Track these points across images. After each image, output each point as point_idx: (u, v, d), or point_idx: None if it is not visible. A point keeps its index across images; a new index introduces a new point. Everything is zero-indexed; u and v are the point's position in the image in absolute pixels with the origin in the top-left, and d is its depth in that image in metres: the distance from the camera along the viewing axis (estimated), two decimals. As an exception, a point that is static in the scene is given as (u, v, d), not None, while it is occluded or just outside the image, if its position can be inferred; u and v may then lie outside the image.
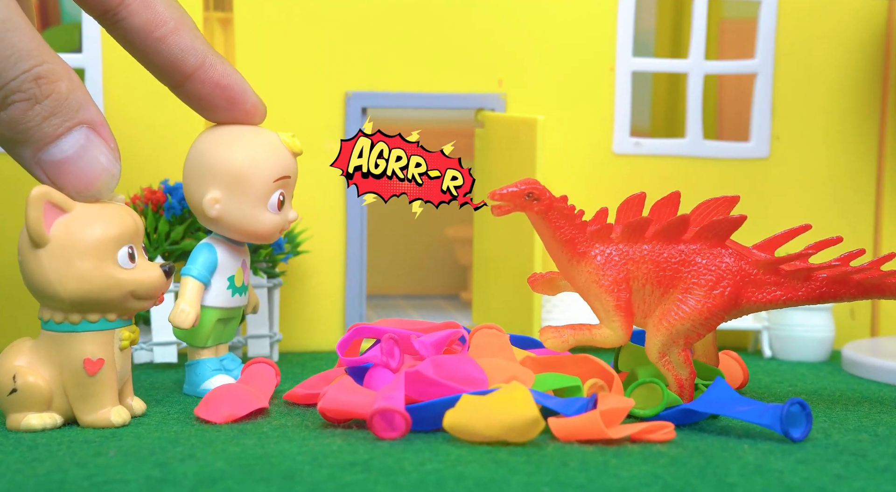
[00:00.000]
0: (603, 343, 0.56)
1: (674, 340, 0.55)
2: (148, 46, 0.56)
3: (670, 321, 0.55)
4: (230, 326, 0.63)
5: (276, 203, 0.60)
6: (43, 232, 0.50)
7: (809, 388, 0.66)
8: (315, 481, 0.42)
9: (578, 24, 0.81)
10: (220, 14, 0.80)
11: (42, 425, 0.52)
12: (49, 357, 0.52)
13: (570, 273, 0.57)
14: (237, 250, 0.62)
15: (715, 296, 0.55)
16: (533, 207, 0.56)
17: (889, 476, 0.44)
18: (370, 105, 0.80)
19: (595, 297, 0.56)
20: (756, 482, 0.43)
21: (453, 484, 0.42)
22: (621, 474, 0.43)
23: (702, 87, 0.83)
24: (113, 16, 0.56)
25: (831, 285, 0.57)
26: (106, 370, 0.52)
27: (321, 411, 0.52)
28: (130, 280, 0.52)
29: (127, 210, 0.53)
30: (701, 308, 0.55)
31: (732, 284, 0.56)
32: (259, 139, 0.59)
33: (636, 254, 0.56)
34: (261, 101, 0.60)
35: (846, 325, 0.84)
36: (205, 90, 0.57)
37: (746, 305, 0.56)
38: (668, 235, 0.56)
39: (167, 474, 0.43)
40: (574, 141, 0.82)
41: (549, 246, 0.57)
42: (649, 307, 0.56)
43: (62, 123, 0.50)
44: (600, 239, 0.57)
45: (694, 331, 0.55)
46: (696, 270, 0.56)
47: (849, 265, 0.57)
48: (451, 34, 0.80)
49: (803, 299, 0.57)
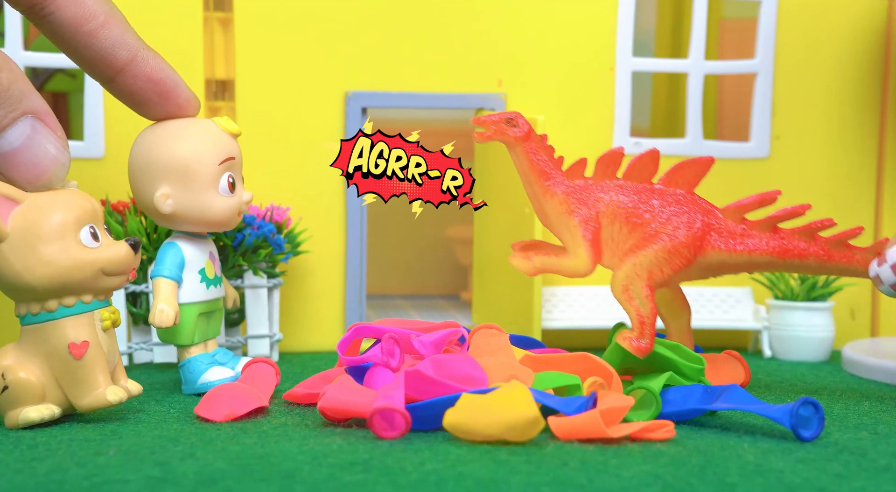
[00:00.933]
0: (568, 270, 0.57)
1: (637, 272, 0.56)
2: (77, 41, 0.55)
3: (635, 253, 0.56)
4: (213, 320, 0.63)
5: (227, 186, 0.60)
6: (0, 226, 0.50)
7: (809, 388, 0.66)
8: (315, 480, 0.42)
9: (578, 24, 0.81)
10: (220, 14, 0.80)
11: (40, 417, 0.52)
12: (34, 351, 0.52)
13: (542, 206, 0.59)
14: (201, 243, 0.62)
15: (679, 233, 0.56)
16: (512, 134, 0.57)
17: (889, 476, 0.44)
18: (370, 105, 0.80)
19: (565, 227, 0.58)
20: (756, 482, 0.43)
21: (453, 484, 0.42)
22: (621, 474, 0.43)
23: (702, 87, 0.83)
24: (40, 10, 0.55)
25: (798, 241, 0.57)
26: (92, 352, 0.52)
27: (321, 409, 0.52)
28: (98, 258, 0.52)
29: (80, 194, 0.53)
30: (665, 243, 0.56)
31: (699, 224, 0.57)
32: (195, 128, 0.60)
33: (607, 191, 0.58)
34: (194, 95, 0.60)
35: (846, 325, 0.84)
36: (137, 85, 0.57)
37: (711, 251, 0.57)
38: (638, 174, 0.58)
39: (167, 473, 0.43)
40: (574, 141, 0.82)
41: (526, 178, 0.59)
42: (618, 246, 0.57)
43: (6, 115, 0.50)
44: (574, 174, 0.59)
45: (657, 266, 0.56)
46: (665, 207, 0.57)
47: (818, 226, 0.57)
48: (451, 34, 0.80)
49: (767, 253, 0.57)
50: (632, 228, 0.57)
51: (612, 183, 0.58)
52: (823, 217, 0.58)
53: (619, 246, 0.57)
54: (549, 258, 0.57)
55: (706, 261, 0.57)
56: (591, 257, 0.57)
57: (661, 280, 0.57)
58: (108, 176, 0.76)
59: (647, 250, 0.56)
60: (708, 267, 0.58)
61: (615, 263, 0.57)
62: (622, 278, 0.56)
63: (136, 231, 0.70)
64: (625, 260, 0.57)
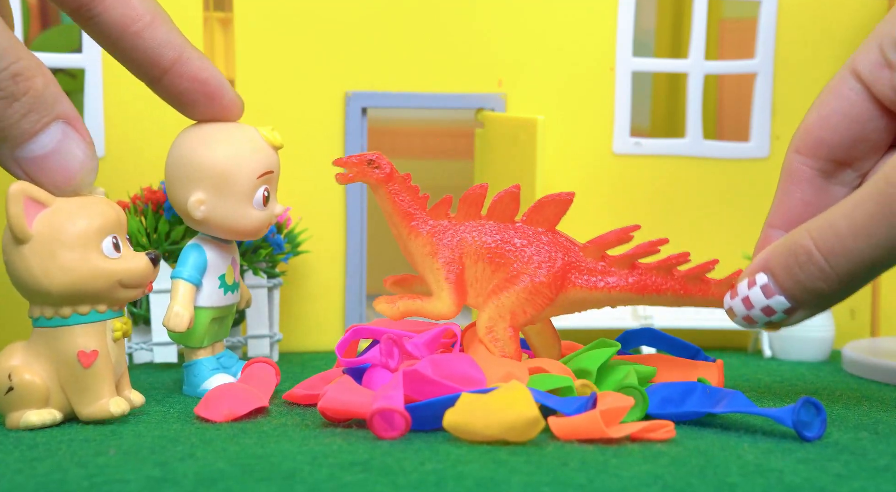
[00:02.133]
0: (432, 313, 0.58)
1: (500, 313, 0.57)
2: (124, 41, 0.55)
3: (497, 295, 0.57)
4: (225, 323, 0.63)
5: (262, 199, 0.59)
6: (25, 228, 0.50)
7: (809, 388, 0.66)
8: (315, 481, 0.42)
9: (578, 24, 0.81)
10: (220, 14, 0.80)
11: (41, 422, 0.52)
12: (43, 354, 0.52)
13: (406, 246, 0.59)
14: (226, 249, 0.62)
15: (540, 273, 0.57)
16: (374, 175, 0.58)
17: (889, 476, 0.44)
18: (370, 105, 0.80)
19: (429, 269, 0.58)
20: (756, 482, 0.43)
21: (453, 484, 0.42)
22: (621, 474, 0.43)
23: (702, 87, 0.82)
24: (87, 11, 0.55)
25: (655, 276, 0.58)
26: (101, 362, 0.52)
27: (321, 410, 0.52)
28: (117, 269, 0.52)
29: (108, 202, 0.53)
30: (526, 284, 0.57)
31: (559, 264, 0.57)
32: (239, 136, 0.59)
33: (470, 232, 0.58)
34: (238, 96, 0.59)
35: (846, 325, 0.84)
36: (183, 84, 0.57)
37: (573, 289, 0.57)
38: (500, 213, 0.58)
39: (167, 473, 0.43)
40: (574, 141, 0.82)
41: (390, 219, 0.59)
42: (482, 286, 0.58)
43: (40, 119, 0.50)
44: (437, 215, 0.59)
45: (520, 307, 0.57)
46: (526, 248, 0.57)
47: (674, 261, 0.58)
48: (451, 34, 0.80)
49: (628, 290, 0.58)
50: (495, 269, 0.58)
51: (476, 223, 0.58)
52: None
53: (484, 286, 0.58)
54: (413, 302, 0.58)
55: (568, 299, 0.58)
56: (454, 300, 0.58)
57: (525, 321, 0.58)
58: (108, 176, 0.76)
59: (510, 292, 0.57)
60: (570, 304, 0.58)
61: (479, 302, 0.58)
62: (486, 320, 0.57)
63: (136, 231, 0.70)
64: (488, 301, 0.57)
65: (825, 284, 0.51)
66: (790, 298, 0.53)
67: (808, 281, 0.52)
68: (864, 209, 0.49)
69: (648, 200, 0.82)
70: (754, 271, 0.54)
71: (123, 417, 0.55)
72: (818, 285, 0.51)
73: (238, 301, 0.64)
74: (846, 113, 0.54)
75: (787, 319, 0.54)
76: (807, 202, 0.56)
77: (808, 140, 0.55)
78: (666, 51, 0.98)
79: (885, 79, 0.52)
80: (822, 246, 0.50)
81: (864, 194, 0.49)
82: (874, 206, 0.48)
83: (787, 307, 0.53)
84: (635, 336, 0.66)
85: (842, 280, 0.51)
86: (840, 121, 0.54)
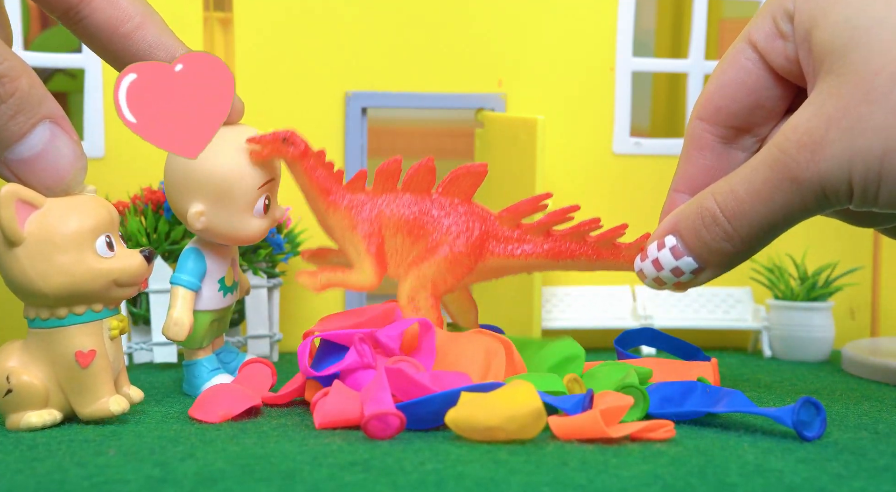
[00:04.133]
0: (354, 285, 0.58)
1: (421, 283, 0.58)
2: (114, 44, 0.55)
3: (418, 266, 0.58)
4: (224, 320, 0.63)
5: (262, 208, 0.58)
6: (17, 230, 0.50)
7: (809, 388, 0.66)
8: (315, 481, 0.42)
9: (578, 24, 0.81)
10: (220, 14, 0.80)
11: (42, 423, 0.52)
12: (40, 355, 0.52)
13: (326, 222, 0.59)
14: (225, 251, 0.61)
15: (458, 243, 0.58)
16: (289, 152, 0.58)
17: (889, 476, 0.44)
18: (370, 105, 0.80)
19: (349, 242, 0.59)
20: (756, 482, 0.43)
21: (453, 484, 0.41)
22: (621, 474, 0.43)
23: (702, 87, 0.82)
24: (75, 14, 0.54)
25: (569, 243, 0.59)
26: (99, 361, 0.52)
27: (319, 426, 0.52)
28: (112, 269, 0.52)
29: (99, 200, 0.53)
30: (446, 254, 0.58)
31: (476, 234, 0.58)
32: (239, 144, 0.57)
33: (387, 204, 0.59)
34: (238, 99, 0.58)
35: (846, 325, 0.84)
36: None
37: (491, 258, 0.59)
38: (417, 186, 0.59)
39: (167, 473, 0.43)
40: (574, 141, 0.82)
41: (308, 195, 0.59)
42: (402, 257, 0.59)
43: (27, 120, 0.50)
44: (354, 189, 0.59)
45: (440, 276, 0.58)
46: (443, 218, 0.58)
47: (586, 227, 0.59)
48: (451, 34, 0.80)
49: (543, 256, 0.59)
50: (414, 240, 0.58)
51: (393, 195, 0.59)
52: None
53: (404, 257, 0.59)
54: (334, 274, 0.59)
55: (486, 266, 0.59)
56: (375, 271, 0.58)
57: (445, 289, 0.59)
58: (108, 176, 0.76)
59: (430, 262, 0.58)
60: (489, 271, 0.60)
61: (400, 273, 0.59)
62: (408, 290, 0.58)
63: (136, 231, 0.70)
64: (409, 271, 0.58)
65: (730, 244, 0.53)
66: (698, 258, 0.54)
67: (714, 242, 0.53)
68: (760, 174, 0.51)
69: (648, 199, 0.82)
70: (663, 234, 0.56)
71: (123, 416, 0.55)
72: (723, 246, 0.53)
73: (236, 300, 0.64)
74: (743, 82, 0.56)
75: (694, 279, 0.55)
76: (709, 167, 0.57)
77: (709, 108, 0.57)
78: (666, 51, 0.98)
79: (779, 49, 0.54)
80: (725, 209, 0.53)
81: (760, 160, 0.51)
82: (768, 171, 0.51)
83: (695, 268, 0.55)
84: (635, 336, 0.66)
85: (745, 241, 0.53)
86: (738, 89, 0.56)
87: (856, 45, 0.49)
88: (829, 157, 0.49)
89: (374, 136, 0.92)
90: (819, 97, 0.50)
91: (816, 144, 0.49)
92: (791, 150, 0.50)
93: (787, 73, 0.54)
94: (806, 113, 0.50)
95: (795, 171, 0.50)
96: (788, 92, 0.56)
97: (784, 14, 0.53)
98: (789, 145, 0.50)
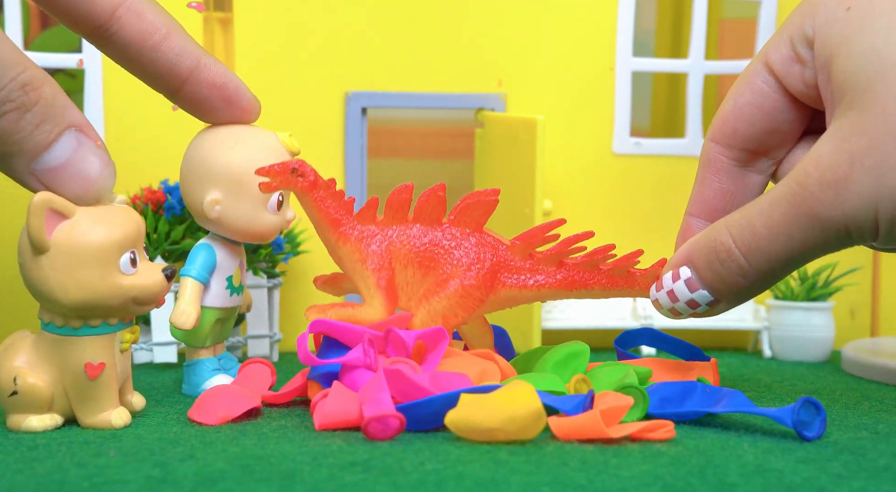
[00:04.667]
0: (364, 321, 0.58)
1: (433, 319, 0.58)
2: (143, 56, 0.55)
3: (428, 300, 0.57)
4: (227, 325, 0.63)
5: (276, 204, 0.60)
6: (45, 239, 0.49)
7: (809, 388, 0.66)
8: (315, 481, 0.42)
9: (578, 24, 0.81)
10: (220, 14, 0.80)
11: (43, 427, 0.52)
12: (49, 359, 0.52)
13: (337, 254, 0.59)
14: (235, 250, 0.62)
15: (470, 276, 0.57)
16: (298, 183, 0.57)
17: (889, 476, 0.44)
18: (370, 105, 0.80)
19: (359, 276, 0.58)
20: (756, 482, 0.43)
21: (453, 484, 0.41)
22: (621, 474, 0.43)
23: (702, 87, 0.83)
24: (105, 31, 0.55)
25: (582, 272, 0.58)
26: (107, 374, 0.52)
27: (319, 428, 0.52)
28: (132, 286, 0.51)
29: (128, 212, 0.52)
30: (456, 287, 0.57)
31: (487, 266, 0.58)
32: (258, 140, 0.59)
33: (398, 236, 0.58)
34: (255, 99, 0.59)
35: (846, 325, 0.84)
36: (202, 92, 0.57)
37: (503, 289, 0.58)
38: (427, 216, 0.58)
39: (167, 474, 0.43)
40: (574, 141, 0.82)
41: (318, 226, 0.59)
42: (413, 290, 0.58)
43: (53, 129, 0.50)
44: (364, 220, 0.59)
45: (451, 311, 0.57)
46: (454, 250, 0.58)
47: (599, 255, 0.58)
48: (451, 34, 0.80)
49: (556, 287, 0.58)
50: (425, 272, 0.58)
51: (403, 226, 0.59)
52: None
53: (415, 290, 0.58)
54: (344, 311, 0.58)
55: (498, 298, 0.59)
56: (385, 306, 0.58)
57: (456, 323, 0.58)
58: (108, 176, 0.76)
59: (441, 296, 0.58)
60: (501, 302, 0.59)
61: (412, 306, 0.59)
62: (419, 325, 0.58)
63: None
64: (420, 305, 0.58)
65: (745, 279, 0.53)
66: (713, 291, 0.54)
67: (729, 276, 0.53)
68: (778, 209, 0.50)
69: (648, 200, 0.82)
70: (678, 264, 0.55)
71: (124, 417, 0.55)
72: (738, 281, 0.53)
73: (241, 304, 0.64)
74: (759, 105, 0.55)
75: (710, 310, 0.55)
76: (724, 190, 0.57)
77: (724, 130, 0.56)
78: (666, 51, 0.98)
79: (796, 73, 0.53)
80: (740, 244, 0.52)
81: (779, 195, 0.51)
82: (787, 207, 0.50)
83: (711, 300, 0.55)
84: (635, 336, 0.66)
85: (760, 276, 0.52)
86: (754, 112, 0.55)
87: (881, 77, 0.48)
88: (854, 195, 0.48)
89: (374, 136, 0.92)
90: (841, 131, 0.49)
91: (840, 182, 0.48)
92: (812, 186, 0.49)
93: (804, 97, 0.54)
94: (827, 147, 0.49)
95: (817, 208, 0.49)
96: (805, 115, 0.55)
97: (802, 38, 0.52)
98: (810, 181, 0.49)
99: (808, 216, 0.49)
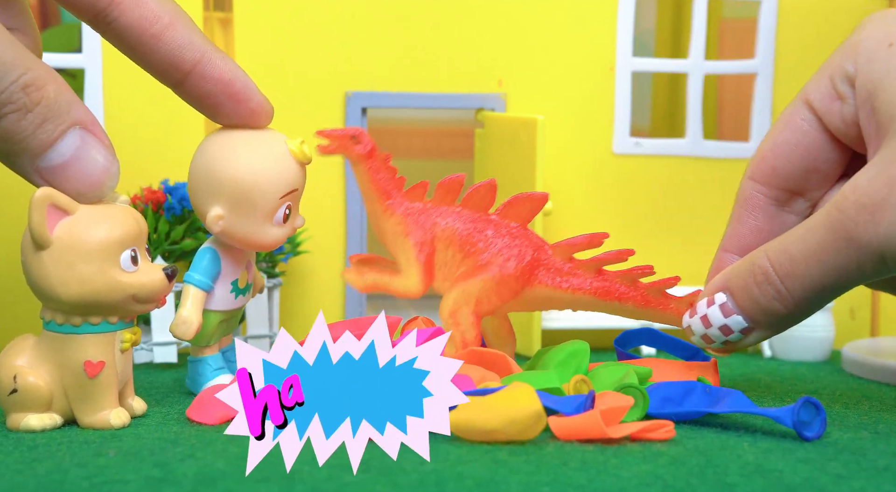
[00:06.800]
0: (399, 290, 0.58)
1: (465, 298, 0.58)
2: (143, 44, 0.54)
3: (465, 281, 0.58)
4: (233, 321, 0.63)
5: (283, 217, 0.58)
6: (46, 234, 0.50)
7: (809, 388, 0.66)
8: (315, 481, 0.42)
9: (578, 24, 0.81)
10: (220, 14, 0.80)
11: (42, 427, 0.52)
12: (50, 357, 0.52)
13: (380, 224, 0.60)
14: (241, 255, 0.61)
15: (509, 265, 0.58)
16: (355, 150, 0.58)
17: (889, 476, 0.44)
18: (370, 105, 0.80)
19: (400, 248, 0.59)
20: (756, 482, 0.43)
21: (453, 484, 0.41)
22: (621, 474, 0.43)
23: (702, 87, 0.82)
24: (104, 17, 0.54)
25: (619, 284, 0.59)
26: (106, 372, 0.52)
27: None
28: (132, 284, 0.51)
29: (130, 212, 0.53)
30: (494, 273, 0.58)
31: (527, 258, 0.58)
32: (265, 150, 0.57)
33: (444, 217, 0.59)
34: (267, 101, 0.57)
35: (846, 325, 0.84)
36: (206, 86, 0.55)
37: (538, 286, 0.59)
38: (476, 204, 0.59)
39: (167, 474, 0.43)
40: (574, 141, 0.82)
41: (366, 196, 0.60)
42: (450, 270, 0.59)
43: (56, 128, 0.50)
44: (413, 197, 0.60)
45: (485, 295, 0.58)
46: (497, 239, 0.58)
47: (637, 272, 0.59)
48: (451, 34, 0.80)
49: (591, 293, 0.59)
50: (465, 256, 0.58)
51: (450, 209, 0.59)
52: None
53: (452, 271, 0.59)
54: (381, 276, 0.59)
55: (532, 295, 0.59)
56: (422, 279, 0.58)
57: (488, 309, 0.58)
58: (108, 176, 0.76)
59: (477, 279, 0.58)
60: (533, 301, 0.60)
61: (446, 287, 0.59)
62: (451, 303, 0.58)
63: (136, 231, 0.70)
64: (455, 286, 0.58)
65: (781, 305, 0.53)
66: (747, 317, 0.54)
67: (765, 301, 0.53)
68: (816, 235, 0.50)
69: (648, 200, 0.82)
70: (713, 290, 0.55)
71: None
72: (774, 306, 0.53)
73: (247, 303, 0.63)
74: (799, 143, 0.55)
75: (743, 338, 0.55)
76: (760, 229, 0.57)
77: (763, 168, 0.57)
78: (666, 51, 0.98)
79: (836, 111, 0.54)
80: (778, 268, 0.52)
81: (818, 221, 0.51)
82: (826, 232, 0.50)
83: (744, 327, 0.55)
84: (635, 336, 0.66)
85: (797, 302, 0.52)
86: (793, 150, 0.56)
87: None
88: (890, 220, 0.48)
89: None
90: (883, 160, 0.49)
91: (877, 206, 0.48)
92: (850, 210, 0.49)
93: (843, 135, 0.54)
94: (868, 174, 0.49)
95: (853, 231, 0.49)
96: (844, 156, 0.55)
97: (843, 76, 0.53)
98: (847, 205, 0.49)
99: (844, 240, 0.49)
